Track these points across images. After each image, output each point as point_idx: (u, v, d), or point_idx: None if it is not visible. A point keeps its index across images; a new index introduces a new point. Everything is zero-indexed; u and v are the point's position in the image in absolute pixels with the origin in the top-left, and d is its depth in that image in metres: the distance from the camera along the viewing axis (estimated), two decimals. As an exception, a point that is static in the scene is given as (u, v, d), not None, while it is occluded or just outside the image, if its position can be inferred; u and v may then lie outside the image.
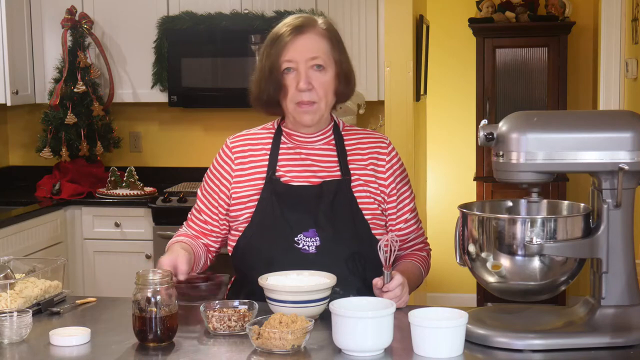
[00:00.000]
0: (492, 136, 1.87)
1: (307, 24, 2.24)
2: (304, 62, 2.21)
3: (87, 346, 1.91)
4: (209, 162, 2.40)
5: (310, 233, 2.21)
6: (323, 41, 2.24)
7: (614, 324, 1.85)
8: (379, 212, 2.28)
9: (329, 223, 2.21)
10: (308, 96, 2.21)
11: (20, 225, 4.22)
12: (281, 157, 2.29)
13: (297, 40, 2.22)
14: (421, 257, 2.37)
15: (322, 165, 2.28)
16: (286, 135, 2.32)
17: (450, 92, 6.00)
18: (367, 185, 2.28)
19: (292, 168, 2.28)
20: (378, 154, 2.31)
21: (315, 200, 2.23)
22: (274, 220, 2.23)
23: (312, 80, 2.20)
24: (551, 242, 1.83)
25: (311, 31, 2.23)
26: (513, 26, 5.65)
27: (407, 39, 4.43)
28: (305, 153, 2.29)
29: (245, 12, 4.73)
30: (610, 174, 1.84)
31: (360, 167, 2.29)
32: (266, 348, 1.82)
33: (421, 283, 2.37)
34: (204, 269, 2.37)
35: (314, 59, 2.21)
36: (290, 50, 2.21)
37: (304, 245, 2.21)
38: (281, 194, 2.24)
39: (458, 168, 5.98)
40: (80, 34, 4.83)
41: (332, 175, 2.27)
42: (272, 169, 2.27)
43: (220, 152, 2.37)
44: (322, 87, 2.22)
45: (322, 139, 2.31)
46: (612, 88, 4.50)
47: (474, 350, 1.83)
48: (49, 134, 4.83)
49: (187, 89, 4.78)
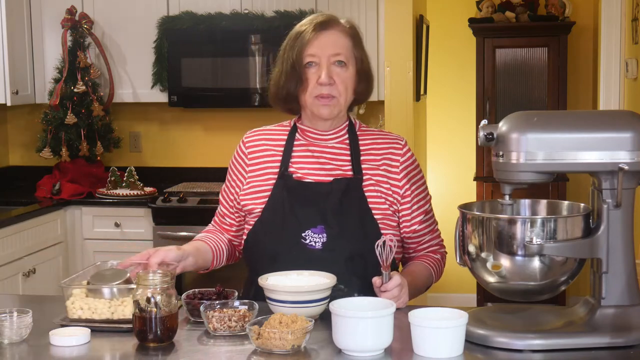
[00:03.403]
0: (492, 136, 1.87)
1: (330, 21, 2.27)
2: (326, 57, 2.23)
3: (87, 346, 1.91)
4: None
5: (318, 229, 2.22)
6: (345, 38, 2.26)
7: (614, 324, 1.85)
8: (390, 212, 2.28)
9: (337, 220, 2.22)
10: (328, 90, 2.23)
11: (20, 225, 4.22)
12: (294, 154, 2.31)
13: (320, 36, 2.24)
14: (434, 260, 2.35)
15: (335, 163, 2.29)
16: (301, 132, 2.34)
17: (450, 92, 6.00)
18: (378, 185, 2.28)
19: (304, 165, 2.29)
20: (392, 154, 2.31)
21: (325, 197, 2.24)
22: (283, 215, 2.25)
23: (334, 75, 2.23)
24: (551, 242, 1.83)
25: (334, 28, 2.26)
26: (513, 26, 5.65)
27: (407, 39, 4.43)
28: (318, 150, 2.31)
29: (245, 12, 4.73)
30: (610, 174, 1.84)
31: (373, 167, 2.29)
32: (266, 348, 1.82)
33: (431, 285, 2.36)
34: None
35: (336, 55, 2.23)
36: (314, 46, 2.23)
37: (311, 241, 2.22)
38: (292, 190, 2.26)
39: (458, 168, 5.98)
40: (80, 34, 4.83)
41: (344, 174, 2.28)
42: (284, 164, 2.30)
43: (237, 147, 2.43)
44: (343, 82, 2.24)
45: (336, 137, 2.32)
46: (612, 88, 4.50)
47: (474, 350, 1.83)
48: (49, 134, 4.83)
49: (187, 89, 4.78)
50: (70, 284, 2.09)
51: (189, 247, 2.30)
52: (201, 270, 2.35)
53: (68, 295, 2.06)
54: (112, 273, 2.14)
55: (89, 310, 2.02)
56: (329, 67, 2.23)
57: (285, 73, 2.27)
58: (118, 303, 2.02)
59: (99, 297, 2.05)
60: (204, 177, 5.06)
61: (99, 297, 2.05)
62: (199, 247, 2.34)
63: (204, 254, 2.33)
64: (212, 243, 2.38)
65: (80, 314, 2.02)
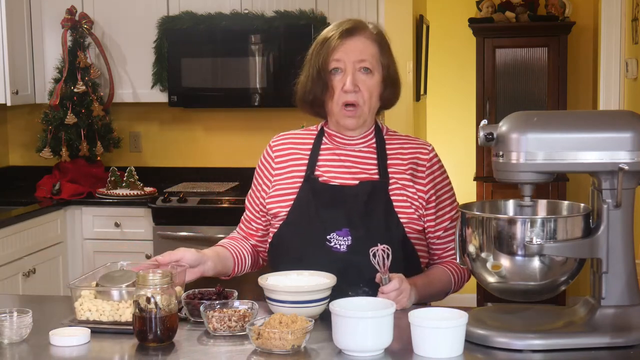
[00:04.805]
0: (492, 136, 1.87)
1: (357, 27, 2.26)
2: (352, 64, 2.22)
3: (87, 346, 1.91)
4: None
5: (343, 232, 2.21)
6: (372, 45, 2.25)
7: (614, 324, 1.85)
8: (416, 216, 2.26)
9: (362, 223, 2.21)
10: (353, 97, 2.22)
11: (20, 225, 4.22)
12: (321, 157, 2.31)
13: (347, 43, 2.24)
14: (457, 268, 2.31)
15: (361, 166, 2.29)
16: (327, 136, 2.34)
17: (450, 92, 6.00)
18: (404, 189, 2.27)
19: (330, 168, 2.29)
20: (418, 159, 2.30)
21: (351, 200, 2.23)
22: (309, 218, 2.24)
23: (359, 82, 2.22)
24: (551, 242, 1.83)
25: (361, 34, 2.25)
26: (513, 26, 5.65)
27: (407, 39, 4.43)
28: (345, 154, 2.31)
29: (245, 12, 4.73)
30: (610, 174, 1.84)
31: (399, 171, 2.28)
32: (266, 348, 1.82)
33: (450, 292, 2.31)
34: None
35: (361, 62, 2.23)
36: (340, 52, 2.23)
37: (336, 244, 2.21)
38: (318, 193, 2.26)
39: (458, 168, 5.97)
40: (80, 34, 4.83)
41: (370, 177, 2.27)
42: (311, 168, 2.29)
43: (263, 151, 2.42)
44: (368, 90, 2.23)
45: (363, 142, 2.32)
46: (612, 88, 4.50)
47: (474, 350, 1.83)
48: (49, 134, 4.83)
49: (187, 89, 4.78)
50: (79, 285, 2.09)
51: (209, 251, 2.29)
52: (223, 277, 2.34)
53: (76, 296, 2.06)
54: (121, 275, 2.14)
55: (97, 312, 2.02)
56: (354, 74, 2.22)
57: (312, 78, 2.27)
58: (126, 305, 2.02)
59: (107, 299, 2.05)
60: (204, 177, 5.06)
61: (107, 299, 2.04)
62: (220, 252, 2.33)
63: (224, 260, 2.32)
64: (234, 249, 2.36)
65: (88, 315, 2.02)
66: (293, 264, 2.20)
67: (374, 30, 2.28)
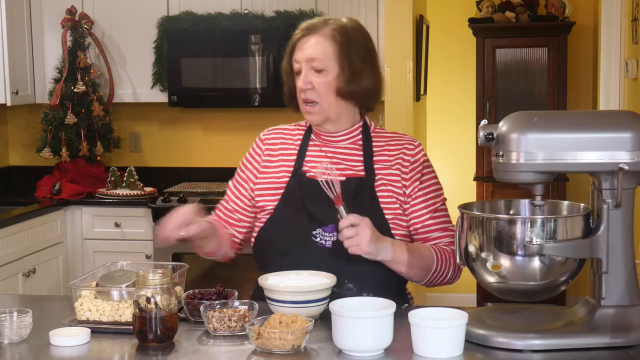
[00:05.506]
0: (492, 136, 1.87)
1: (314, 26, 2.28)
2: (306, 63, 2.26)
3: (87, 346, 1.92)
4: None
5: (329, 228, 2.22)
6: (326, 43, 2.25)
7: (614, 324, 1.85)
8: (401, 211, 2.28)
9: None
10: (309, 94, 2.26)
11: (20, 225, 4.22)
12: (309, 153, 2.33)
13: (302, 42, 2.27)
14: (440, 247, 2.27)
15: (347, 163, 2.30)
16: (314, 133, 2.36)
17: (450, 92, 6.00)
18: (390, 185, 2.28)
19: (317, 164, 2.30)
20: (404, 155, 2.31)
21: None
22: (295, 213, 2.26)
23: (312, 80, 2.25)
24: (551, 242, 1.83)
25: (317, 33, 2.26)
26: (513, 26, 5.65)
27: (407, 39, 4.43)
28: (331, 151, 2.33)
29: (245, 12, 4.73)
30: (610, 174, 1.84)
31: (386, 167, 2.29)
32: (266, 348, 1.82)
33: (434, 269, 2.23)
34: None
35: (312, 61, 2.25)
36: (297, 52, 2.28)
37: (321, 240, 2.23)
38: (304, 188, 2.27)
39: (458, 168, 5.98)
40: (80, 34, 4.83)
41: (356, 174, 2.28)
42: (298, 163, 2.32)
43: (253, 144, 2.43)
44: (321, 87, 2.25)
45: (347, 139, 2.33)
46: (612, 88, 4.50)
47: (474, 350, 1.83)
48: (49, 134, 4.83)
49: (187, 89, 4.78)
50: (79, 285, 2.09)
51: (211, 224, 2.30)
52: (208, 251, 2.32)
53: (76, 296, 2.06)
54: (121, 275, 2.14)
55: (97, 312, 2.02)
56: (306, 73, 2.25)
57: (286, 78, 2.34)
58: (126, 305, 2.02)
59: (107, 299, 2.05)
60: (204, 177, 5.05)
61: (107, 299, 2.04)
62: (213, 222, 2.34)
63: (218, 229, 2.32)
64: (220, 230, 2.35)
65: (88, 315, 2.02)
66: (278, 258, 2.22)
67: (332, 26, 2.26)
